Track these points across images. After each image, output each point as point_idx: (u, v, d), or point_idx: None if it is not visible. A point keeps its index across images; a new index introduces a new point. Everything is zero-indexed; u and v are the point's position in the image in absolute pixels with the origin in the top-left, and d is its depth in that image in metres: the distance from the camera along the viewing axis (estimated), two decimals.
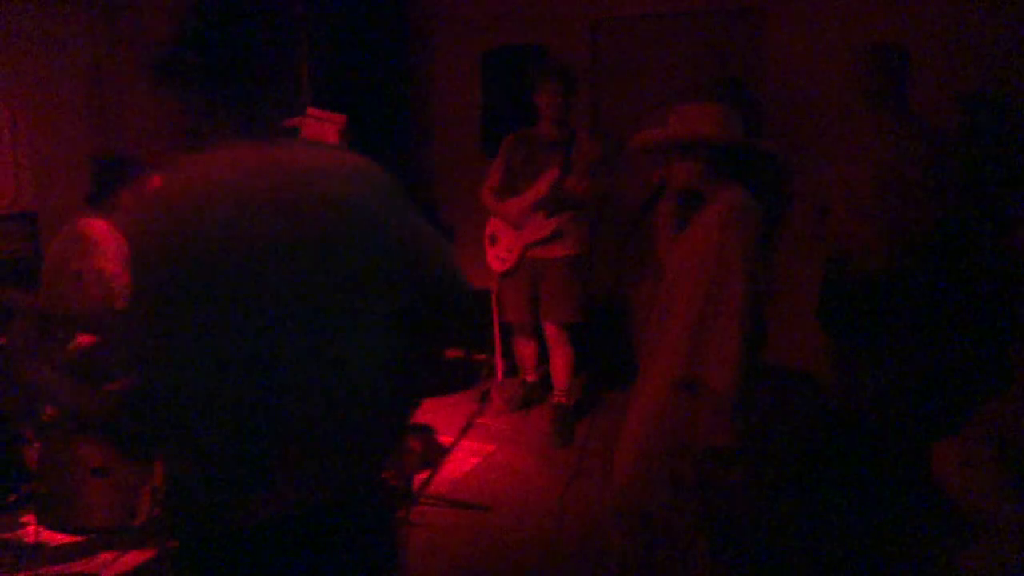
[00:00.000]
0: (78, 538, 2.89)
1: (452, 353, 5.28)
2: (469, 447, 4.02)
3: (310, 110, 3.77)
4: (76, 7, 4.02)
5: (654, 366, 2.32)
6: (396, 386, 1.42)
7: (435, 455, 3.88)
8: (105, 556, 2.89)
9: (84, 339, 3.07)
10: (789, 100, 4.39)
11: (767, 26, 4.49)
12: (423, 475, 3.63)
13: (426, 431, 4.16)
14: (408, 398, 1.53)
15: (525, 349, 4.43)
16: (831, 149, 3.64)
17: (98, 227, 2.98)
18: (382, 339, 1.36)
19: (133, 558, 2.86)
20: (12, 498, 3.03)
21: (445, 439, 4.10)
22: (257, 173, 1.25)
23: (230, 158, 1.26)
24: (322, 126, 3.74)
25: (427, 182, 5.52)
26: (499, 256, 4.16)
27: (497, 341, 4.86)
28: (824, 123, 4.14)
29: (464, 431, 4.20)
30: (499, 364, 4.89)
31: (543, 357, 4.41)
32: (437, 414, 4.43)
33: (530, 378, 4.51)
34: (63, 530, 2.84)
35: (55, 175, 3.94)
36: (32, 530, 2.76)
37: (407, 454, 3.47)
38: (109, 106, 4.27)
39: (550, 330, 4.12)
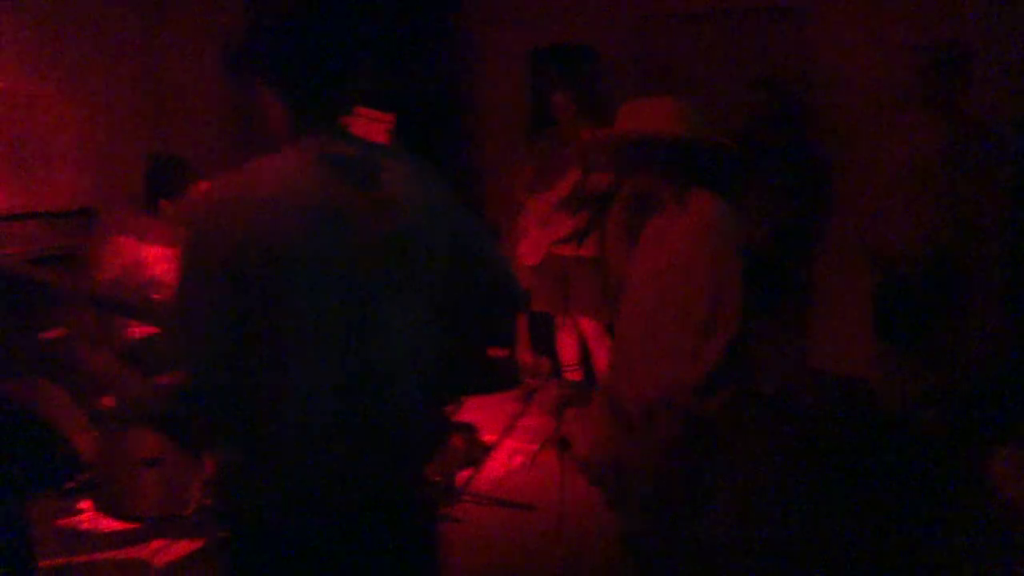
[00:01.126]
0: (131, 525, 2.97)
1: (496, 352, 5.29)
2: (512, 446, 4.02)
3: (359, 109, 3.81)
4: (135, 8, 4.13)
5: (643, 382, 2.09)
6: (445, 383, 1.45)
7: (478, 453, 3.90)
8: (157, 543, 2.96)
9: (139, 331, 3.16)
10: (832, 100, 4.30)
11: (811, 25, 4.40)
12: (466, 472, 3.65)
13: (470, 429, 4.18)
14: (453, 396, 1.55)
15: (565, 345, 4.44)
16: (877, 150, 3.55)
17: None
18: (437, 337, 1.39)
19: (184, 546, 2.93)
20: (70, 485, 3.12)
21: (489, 437, 4.11)
22: (320, 177, 1.25)
23: (295, 162, 1.27)
24: (371, 125, 3.77)
25: (474, 180, 5.54)
26: (527, 251, 4.27)
27: (523, 336, 4.90)
28: (867, 123, 4.05)
29: (508, 430, 4.21)
30: (525, 358, 4.92)
31: (585, 355, 4.41)
32: (481, 412, 4.44)
33: (573, 376, 4.50)
34: (117, 517, 2.93)
35: (114, 173, 4.05)
36: (88, 516, 2.85)
37: (451, 451, 3.49)
38: (165, 106, 4.38)
39: (588, 328, 4.14)
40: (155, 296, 3.05)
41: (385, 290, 1.29)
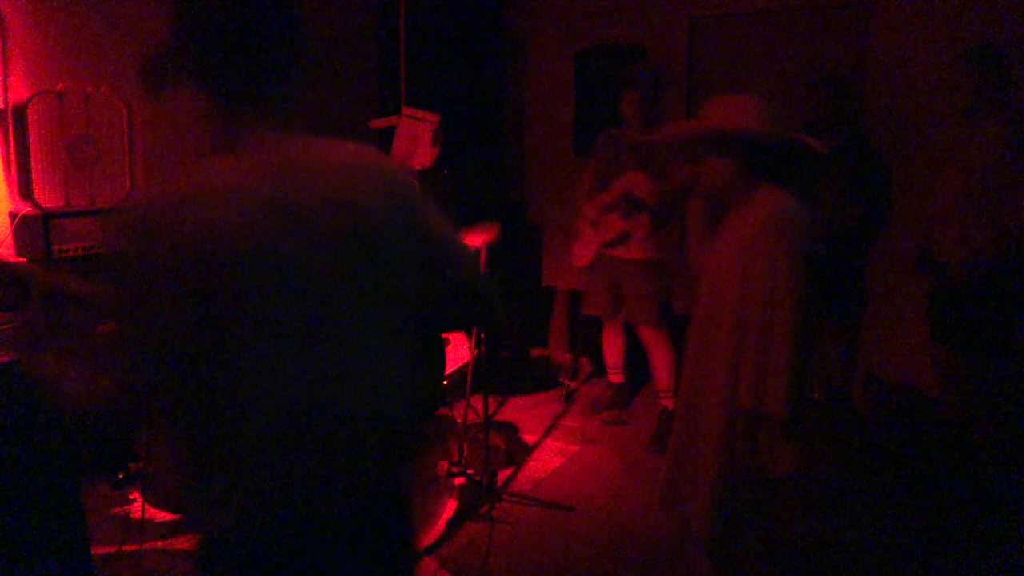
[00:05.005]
0: (179, 517, 3.03)
1: (537, 352, 5.29)
2: (553, 447, 4.02)
3: (405, 109, 3.85)
4: None
5: (707, 385, 2.19)
6: (408, 397, 1.37)
7: (519, 453, 3.90)
8: None
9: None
10: (895, 101, 4.21)
11: (872, 22, 4.31)
12: (506, 472, 3.66)
13: (510, 429, 4.19)
14: (422, 409, 1.50)
15: (610, 348, 4.40)
16: (935, 152, 3.48)
17: None
18: (393, 347, 1.32)
19: None
20: (121, 475, 3.20)
21: (529, 437, 4.11)
22: (261, 176, 1.21)
23: (236, 162, 1.23)
24: (416, 125, 3.80)
25: (517, 181, 5.55)
26: (578, 252, 4.24)
27: (564, 337, 4.86)
28: (931, 125, 3.96)
29: (548, 431, 4.21)
30: (565, 359, 4.88)
31: (629, 359, 4.39)
32: (522, 413, 4.45)
33: (615, 379, 4.48)
34: (167, 508, 2.99)
35: (167, 171, 4.14)
36: (139, 507, 2.91)
37: (492, 451, 3.50)
38: None
39: (644, 333, 4.09)
40: None
41: (343, 292, 1.24)
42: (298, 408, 1.22)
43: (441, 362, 1.61)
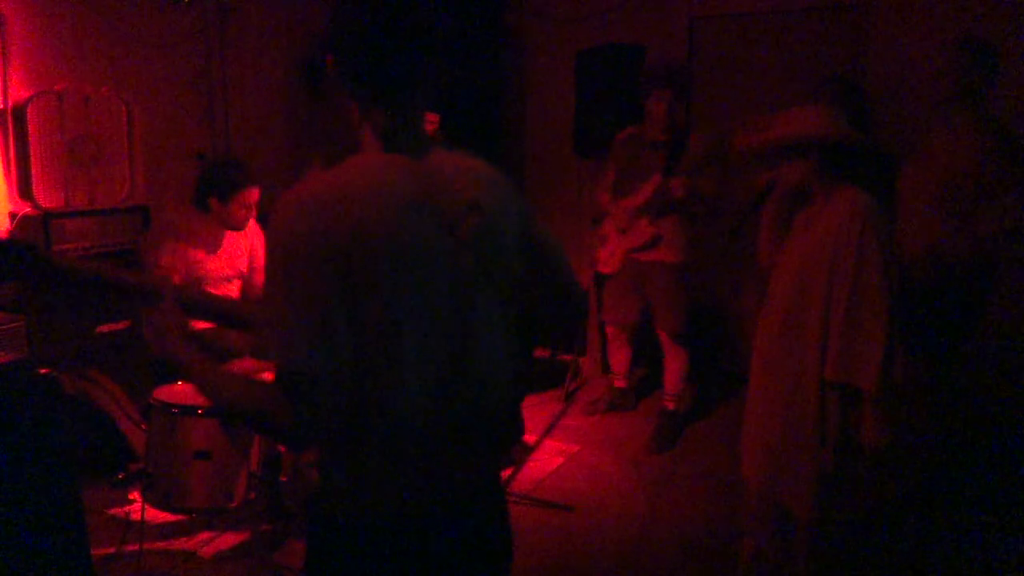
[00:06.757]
0: (179, 517, 3.02)
1: (538, 352, 5.29)
2: (554, 447, 4.02)
3: None
4: (190, 9, 4.21)
5: (785, 366, 2.34)
6: (518, 384, 1.48)
7: (519, 453, 3.90)
8: (204, 535, 3.02)
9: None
10: (894, 99, 4.21)
11: (871, 22, 4.32)
12: (507, 472, 3.66)
13: None
14: (520, 397, 1.59)
15: (619, 353, 4.36)
16: (915, 151, 3.44)
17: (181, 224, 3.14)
18: (511, 339, 1.42)
19: (230, 538, 2.99)
20: (121, 476, 3.20)
21: (529, 438, 4.10)
22: (407, 177, 1.29)
23: (382, 162, 1.31)
24: None
25: (518, 182, 5.53)
26: (603, 259, 4.13)
27: (593, 342, 4.81)
28: (917, 124, 3.95)
29: (548, 430, 4.21)
30: (565, 358, 4.82)
31: (635, 364, 4.37)
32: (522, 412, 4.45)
33: (619, 384, 4.45)
34: (166, 509, 2.99)
35: (167, 171, 4.14)
36: (138, 507, 2.91)
37: None
38: (217, 107, 4.46)
39: (665, 336, 4.05)
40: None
41: (475, 289, 1.33)
42: (443, 396, 1.31)
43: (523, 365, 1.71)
